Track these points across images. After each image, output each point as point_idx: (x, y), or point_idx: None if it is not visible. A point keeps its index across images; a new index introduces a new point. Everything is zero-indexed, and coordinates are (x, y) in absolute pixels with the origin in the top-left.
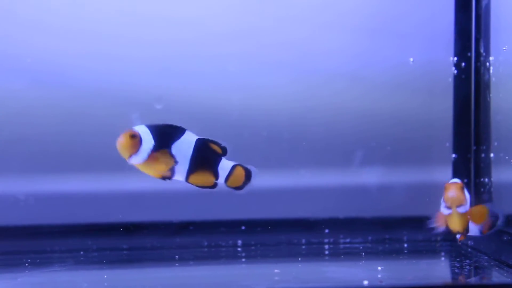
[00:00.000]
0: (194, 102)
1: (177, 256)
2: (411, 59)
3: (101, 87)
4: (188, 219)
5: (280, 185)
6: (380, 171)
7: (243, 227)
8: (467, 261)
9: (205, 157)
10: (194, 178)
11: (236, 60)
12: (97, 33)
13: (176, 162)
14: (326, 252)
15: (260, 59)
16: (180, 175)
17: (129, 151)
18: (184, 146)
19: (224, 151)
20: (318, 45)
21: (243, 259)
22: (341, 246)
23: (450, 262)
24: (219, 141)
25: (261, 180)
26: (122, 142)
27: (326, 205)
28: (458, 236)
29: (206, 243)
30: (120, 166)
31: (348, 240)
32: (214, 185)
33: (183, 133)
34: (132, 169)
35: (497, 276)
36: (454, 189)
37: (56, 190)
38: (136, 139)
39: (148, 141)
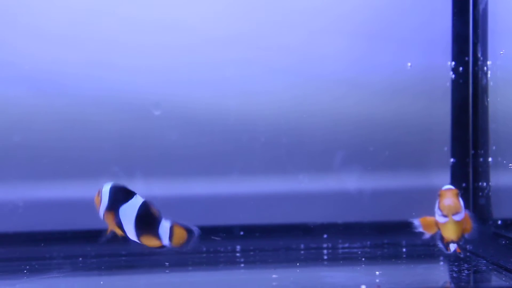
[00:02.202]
0: (192, 108)
1: (175, 262)
2: (409, 64)
3: (100, 94)
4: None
5: (279, 190)
6: (379, 175)
7: (241, 233)
8: (466, 265)
9: (147, 220)
10: (144, 239)
11: (233, 65)
12: (95, 40)
13: (119, 224)
14: (325, 257)
15: (258, 65)
16: (132, 235)
17: (97, 206)
18: (129, 210)
19: (159, 215)
20: (315, 50)
21: (242, 265)
22: (340, 251)
23: (448, 267)
24: (154, 204)
25: (260, 185)
26: (95, 197)
27: (325, 210)
28: (454, 246)
29: (204, 249)
30: (118, 173)
31: (346, 245)
32: (163, 247)
33: (132, 197)
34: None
35: (495, 280)
36: (450, 197)
37: (54, 197)
38: (97, 198)
39: (104, 201)
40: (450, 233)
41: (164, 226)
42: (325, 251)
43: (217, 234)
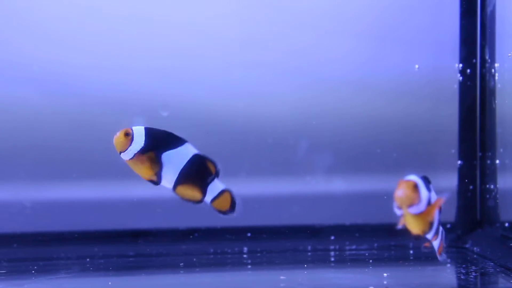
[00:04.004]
0: (200, 109)
1: (182, 263)
2: (417, 66)
3: (108, 95)
4: (194, 226)
5: (286, 191)
6: (386, 177)
7: (248, 234)
8: (473, 267)
9: (197, 173)
10: (182, 189)
11: (241, 67)
12: (104, 42)
13: (161, 168)
14: (332, 259)
15: (266, 66)
16: (167, 183)
17: (119, 148)
18: (177, 157)
19: (217, 173)
20: (323, 51)
21: (249, 266)
22: (347, 253)
23: (456, 269)
24: (216, 162)
25: (267, 186)
26: (116, 138)
27: (332, 211)
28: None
29: (212, 250)
30: (126, 173)
31: (354, 246)
32: (200, 201)
33: (182, 144)
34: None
35: (503, 282)
36: (403, 188)
37: (62, 197)
38: (127, 138)
39: (138, 142)
40: (410, 226)
41: (216, 186)
42: (332, 253)
43: (224, 236)
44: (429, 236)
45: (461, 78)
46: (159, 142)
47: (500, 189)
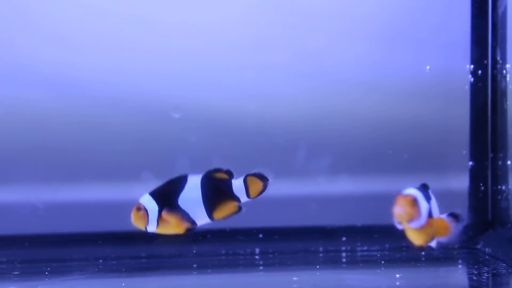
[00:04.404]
0: (211, 111)
1: (195, 264)
2: (428, 67)
3: (119, 96)
4: (206, 227)
5: (297, 193)
6: (397, 178)
7: (260, 235)
8: (485, 268)
9: (217, 190)
10: (218, 213)
11: (252, 69)
12: (115, 44)
13: (183, 213)
14: (344, 260)
15: (277, 68)
16: (202, 219)
17: (142, 224)
18: (191, 194)
19: (230, 174)
20: (333, 53)
21: (261, 267)
22: (359, 254)
23: (468, 270)
24: (221, 167)
25: (278, 188)
26: (133, 218)
27: (343, 213)
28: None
29: (224, 251)
30: (138, 174)
31: (365, 248)
32: (240, 209)
33: (186, 180)
34: (150, 177)
35: None
36: (401, 204)
37: (75, 199)
38: (142, 212)
39: (152, 209)
40: (412, 239)
41: (237, 184)
42: (344, 254)
43: (236, 237)
44: (433, 244)
45: (472, 79)
46: (166, 195)
47: None
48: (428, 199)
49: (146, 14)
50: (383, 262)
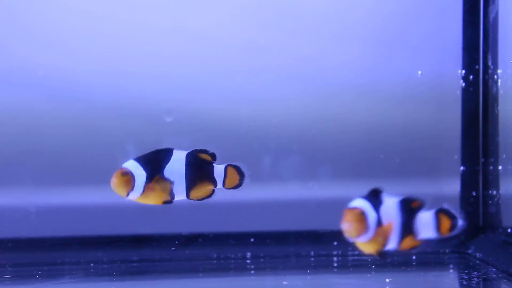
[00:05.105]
0: (204, 115)
1: (186, 268)
2: (419, 72)
3: (112, 100)
4: (197, 231)
5: (289, 197)
6: (389, 183)
7: (252, 239)
8: (475, 273)
9: (199, 169)
10: (195, 192)
11: (245, 73)
12: (108, 49)
13: (172, 183)
14: (335, 264)
15: (270, 72)
16: (180, 195)
17: (125, 189)
18: (176, 166)
19: (214, 157)
20: (326, 57)
21: (252, 271)
22: (350, 258)
23: (458, 274)
24: (207, 149)
25: (270, 192)
26: (116, 183)
27: (335, 217)
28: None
29: (215, 255)
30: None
31: (356, 252)
32: (213, 192)
33: (171, 153)
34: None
35: None
36: (348, 220)
37: (67, 203)
38: (128, 176)
39: (140, 174)
40: (365, 250)
41: (219, 169)
42: (335, 258)
43: (228, 241)
44: (391, 246)
45: (464, 84)
46: (154, 163)
47: (503, 195)
48: (377, 205)
49: (140, 19)
50: (373, 266)
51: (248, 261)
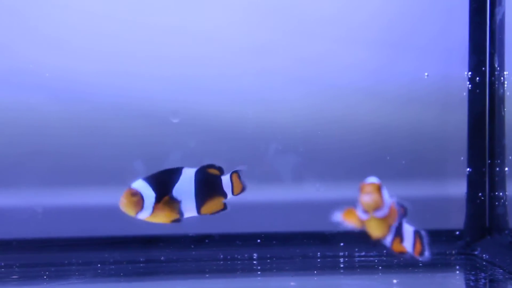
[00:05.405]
0: (210, 116)
1: (193, 269)
2: (426, 74)
3: (119, 101)
4: (204, 232)
5: (295, 198)
6: (395, 184)
7: (258, 240)
8: (482, 274)
9: (209, 186)
10: (206, 208)
11: (251, 74)
12: (114, 50)
13: (180, 203)
14: (341, 265)
15: (275, 74)
16: (190, 212)
17: (134, 210)
18: (185, 185)
19: (221, 171)
20: (332, 59)
21: (259, 272)
22: (356, 259)
23: (465, 276)
24: (214, 163)
25: (277, 193)
26: (125, 203)
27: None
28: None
29: (222, 256)
30: (136, 179)
31: (363, 253)
32: (225, 207)
33: (181, 172)
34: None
35: None
36: (370, 192)
37: (73, 203)
38: (137, 197)
39: (149, 195)
40: (373, 230)
41: (225, 180)
42: (341, 259)
43: (234, 242)
44: (388, 240)
45: (470, 86)
46: (163, 184)
47: (509, 196)
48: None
49: (145, 19)
50: (380, 267)
51: (254, 262)
